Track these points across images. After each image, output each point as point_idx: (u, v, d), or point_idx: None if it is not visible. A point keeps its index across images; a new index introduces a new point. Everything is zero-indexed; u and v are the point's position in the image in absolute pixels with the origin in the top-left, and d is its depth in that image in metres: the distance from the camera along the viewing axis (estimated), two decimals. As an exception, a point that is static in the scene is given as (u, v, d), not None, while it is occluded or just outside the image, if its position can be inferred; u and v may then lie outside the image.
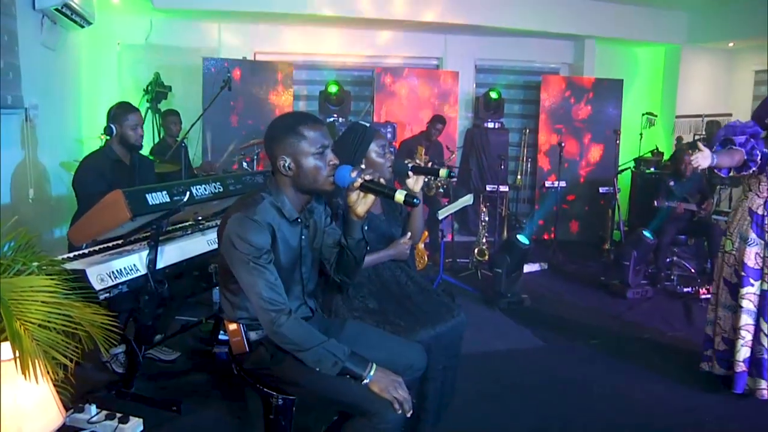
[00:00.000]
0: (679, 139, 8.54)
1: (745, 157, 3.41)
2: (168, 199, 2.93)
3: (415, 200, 2.13)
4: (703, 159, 3.33)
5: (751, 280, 3.53)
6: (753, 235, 3.54)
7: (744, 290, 3.54)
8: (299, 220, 2.20)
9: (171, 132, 5.87)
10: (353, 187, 2.14)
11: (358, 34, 8.22)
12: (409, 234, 2.89)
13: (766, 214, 3.53)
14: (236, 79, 6.93)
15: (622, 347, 4.46)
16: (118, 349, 3.55)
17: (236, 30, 7.88)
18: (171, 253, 3.11)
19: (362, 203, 2.19)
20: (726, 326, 3.68)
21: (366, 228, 2.30)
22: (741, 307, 3.55)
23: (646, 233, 5.67)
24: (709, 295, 5.36)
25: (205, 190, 3.22)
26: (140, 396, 3.26)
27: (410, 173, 2.79)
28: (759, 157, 3.42)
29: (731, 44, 8.83)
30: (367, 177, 2.13)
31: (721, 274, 3.72)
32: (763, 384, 3.54)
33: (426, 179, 3.00)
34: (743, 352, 3.55)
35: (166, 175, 4.71)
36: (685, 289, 5.79)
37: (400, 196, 2.11)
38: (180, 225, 3.57)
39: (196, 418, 3.21)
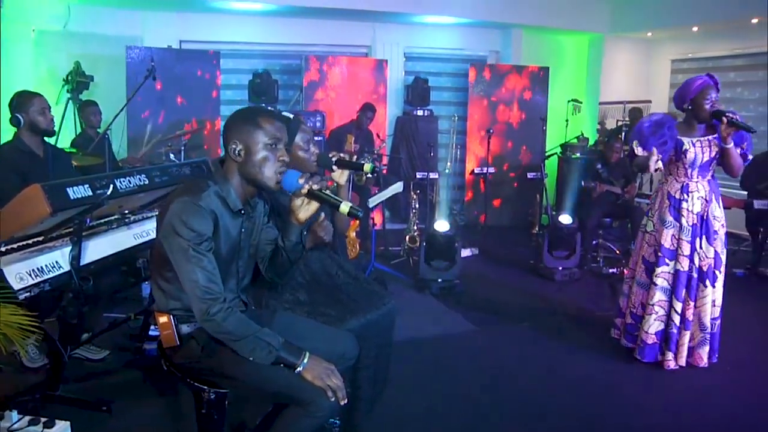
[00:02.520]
0: (601, 123, 8.81)
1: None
2: (90, 193, 2.83)
3: (359, 213, 2.15)
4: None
5: (666, 260, 3.77)
6: (670, 218, 3.76)
7: (659, 269, 3.78)
8: (242, 211, 2.18)
9: (91, 123, 5.65)
10: (300, 193, 2.15)
11: (286, 22, 8.11)
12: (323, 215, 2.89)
13: (682, 198, 3.74)
14: (161, 68, 6.73)
15: (551, 328, 4.60)
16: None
17: (160, 18, 7.64)
18: (96, 249, 3.01)
19: (305, 210, 2.20)
20: (636, 302, 3.95)
21: (305, 233, 2.31)
22: (655, 284, 3.80)
23: (562, 218, 5.84)
24: (633, 275, 5.61)
25: (130, 182, 3.13)
26: (67, 398, 3.14)
27: (334, 167, 2.78)
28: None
29: (650, 34, 9.16)
30: (315, 186, 2.15)
31: (640, 252, 3.95)
32: (670, 356, 3.80)
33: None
34: (655, 326, 3.81)
35: (89, 168, 4.55)
36: (611, 270, 6.00)
37: (345, 207, 2.14)
38: (105, 219, 3.45)
39: (128, 418, 3.14)
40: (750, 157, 3.81)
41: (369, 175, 3.01)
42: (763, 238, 6.20)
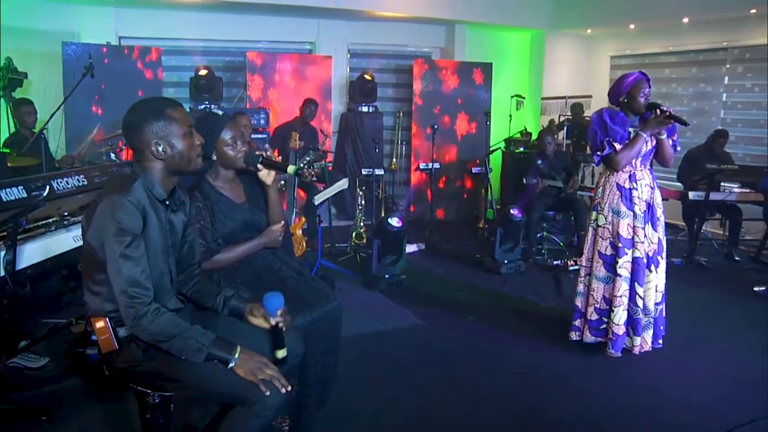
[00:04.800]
0: (551, 122, 8.98)
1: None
2: (25, 195, 2.76)
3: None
4: None
5: (626, 250, 3.81)
6: (624, 208, 3.81)
7: (621, 260, 3.81)
8: (167, 204, 2.15)
9: (25, 123, 5.44)
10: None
11: (229, 19, 8.01)
12: (283, 222, 2.88)
13: (632, 186, 3.81)
14: (99, 64, 6.55)
15: (498, 321, 4.67)
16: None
17: (98, 13, 7.44)
18: (33, 252, 2.93)
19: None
20: (598, 297, 3.95)
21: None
22: (619, 275, 3.82)
23: (513, 210, 5.93)
24: (577, 267, 5.75)
25: (68, 183, 3.06)
26: (4, 409, 3.04)
27: (260, 165, 2.76)
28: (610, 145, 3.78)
29: (589, 31, 9.37)
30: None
31: (595, 247, 3.96)
32: (638, 341, 3.87)
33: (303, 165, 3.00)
34: (623, 316, 3.84)
35: (24, 169, 4.41)
36: (555, 262, 6.12)
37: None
38: (43, 222, 3.35)
39: (70, 426, 3.04)
40: (679, 148, 3.94)
41: (315, 173, 3.03)
42: (698, 228, 6.44)
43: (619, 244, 3.81)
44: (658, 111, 3.66)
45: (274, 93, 7.84)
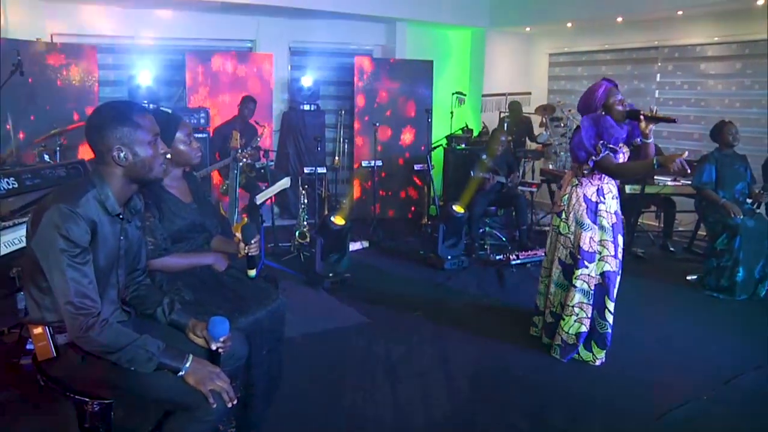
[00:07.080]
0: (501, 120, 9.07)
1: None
2: (-50, 200, 2.63)
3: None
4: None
5: (586, 263, 3.77)
6: (588, 221, 3.76)
7: (578, 272, 3.78)
8: (121, 216, 2.08)
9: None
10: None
11: (167, 15, 7.83)
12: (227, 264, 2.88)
13: (599, 200, 3.77)
14: (30, 62, 6.29)
15: (443, 316, 4.72)
16: None
17: (27, 7, 7.15)
18: (-40, 259, 2.81)
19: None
20: (555, 302, 3.97)
21: None
22: (575, 286, 3.79)
23: (455, 207, 5.99)
24: (519, 261, 5.86)
25: (-4, 187, 2.94)
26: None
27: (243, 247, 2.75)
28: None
29: (528, 29, 9.53)
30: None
31: (555, 253, 3.95)
32: (603, 354, 3.86)
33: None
34: (575, 327, 3.83)
35: (-50, 172, 4.21)
36: (498, 257, 6.20)
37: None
38: (-30, 227, 3.22)
39: (3, 439, 2.94)
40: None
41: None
42: (635, 220, 6.64)
43: (579, 256, 3.77)
44: (643, 116, 3.56)
45: (214, 91, 7.71)
